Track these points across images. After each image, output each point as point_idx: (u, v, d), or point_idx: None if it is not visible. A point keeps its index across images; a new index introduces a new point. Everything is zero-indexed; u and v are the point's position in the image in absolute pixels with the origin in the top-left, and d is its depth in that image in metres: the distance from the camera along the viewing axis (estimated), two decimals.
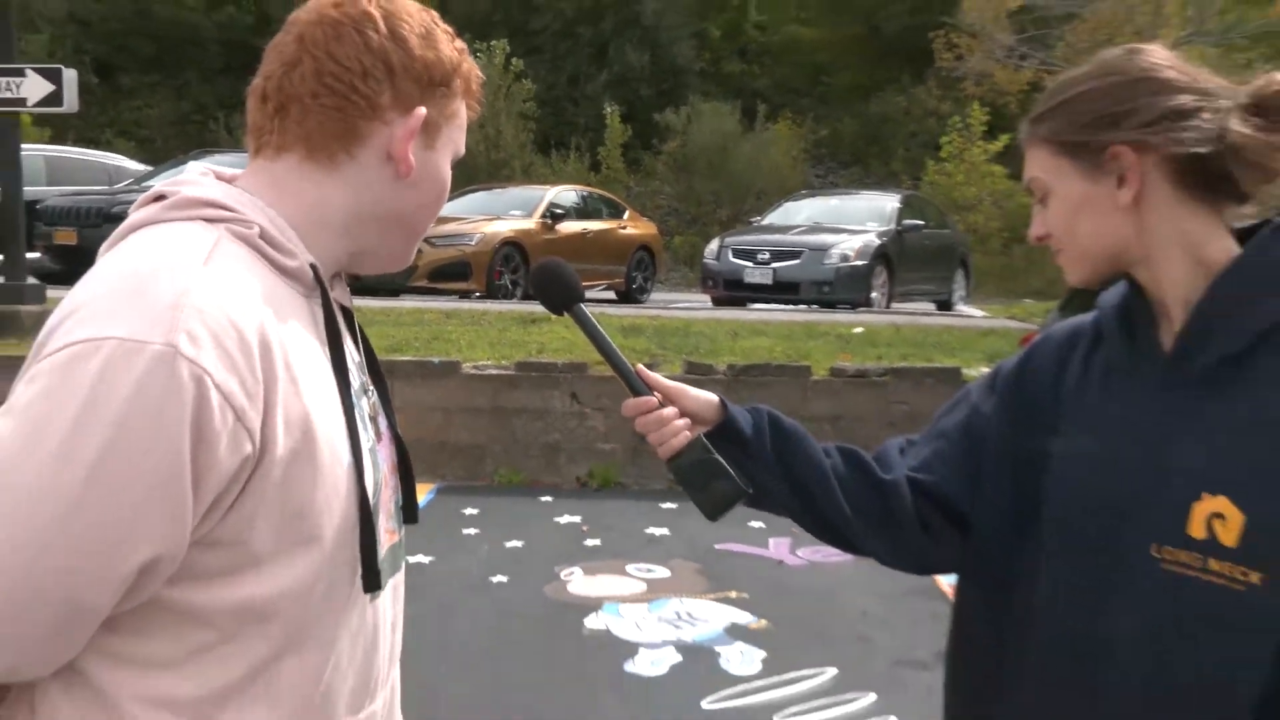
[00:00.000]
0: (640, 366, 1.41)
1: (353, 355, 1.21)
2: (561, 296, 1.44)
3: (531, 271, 1.51)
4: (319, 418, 1.07)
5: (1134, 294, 1.33)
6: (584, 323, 1.42)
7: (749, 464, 1.38)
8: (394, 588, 1.26)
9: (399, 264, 1.29)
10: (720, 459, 1.35)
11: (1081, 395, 1.35)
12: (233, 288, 1.04)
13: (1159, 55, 1.31)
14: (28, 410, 0.97)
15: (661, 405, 1.38)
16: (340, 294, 1.25)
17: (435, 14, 1.24)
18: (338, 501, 1.09)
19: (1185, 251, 1.27)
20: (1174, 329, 1.28)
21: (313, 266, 1.14)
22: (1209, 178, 1.26)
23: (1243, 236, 1.28)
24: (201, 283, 1.01)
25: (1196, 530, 1.20)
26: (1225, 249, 1.27)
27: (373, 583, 1.12)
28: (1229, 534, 1.18)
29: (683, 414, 1.38)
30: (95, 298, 1.01)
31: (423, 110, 1.17)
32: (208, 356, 0.97)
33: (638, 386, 1.39)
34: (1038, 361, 1.42)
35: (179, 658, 1.04)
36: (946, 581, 5.14)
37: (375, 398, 1.25)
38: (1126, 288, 1.35)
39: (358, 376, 1.20)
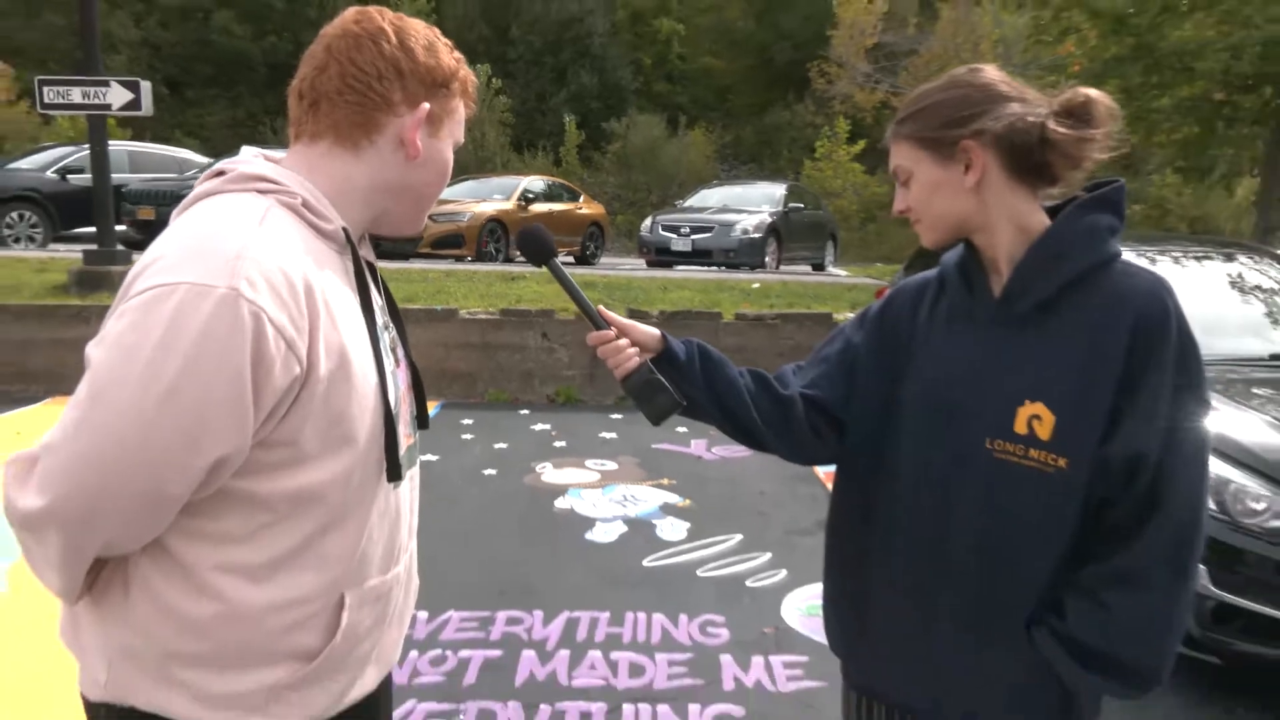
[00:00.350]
0: (601, 307, 1.37)
1: (377, 300, 1.18)
2: (541, 252, 1.39)
3: (518, 233, 1.45)
4: (352, 346, 1.06)
5: (970, 254, 1.32)
6: (558, 273, 1.38)
7: (683, 383, 1.35)
8: (411, 478, 1.24)
9: (413, 228, 1.24)
10: (661, 379, 1.32)
11: (930, 329, 1.34)
12: (281, 244, 1.02)
13: (993, 74, 1.30)
14: (118, 341, 0.95)
15: (617, 337, 1.34)
16: (366, 252, 1.22)
17: (437, 30, 1.19)
18: (368, 411, 1.07)
19: (1012, 222, 1.26)
20: (1002, 281, 1.27)
21: (345, 230, 1.12)
22: (1030, 166, 1.25)
23: (1053, 212, 1.28)
24: (256, 239, 1.00)
25: (1020, 428, 1.22)
26: (1041, 220, 1.27)
27: (395, 474, 1.12)
28: (1044, 430, 1.20)
29: (633, 344, 1.35)
30: (170, 251, 0.99)
31: (427, 105, 1.14)
32: (264, 298, 0.96)
33: (599, 322, 1.35)
34: (897, 304, 1.41)
35: (246, 534, 1.03)
36: (823, 471, 5.20)
37: (395, 333, 1.23)
38: (965, 249, 1.33)
39: (381, 316, 1.17)
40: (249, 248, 0.98)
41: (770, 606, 3.48)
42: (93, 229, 7.96)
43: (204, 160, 14.30)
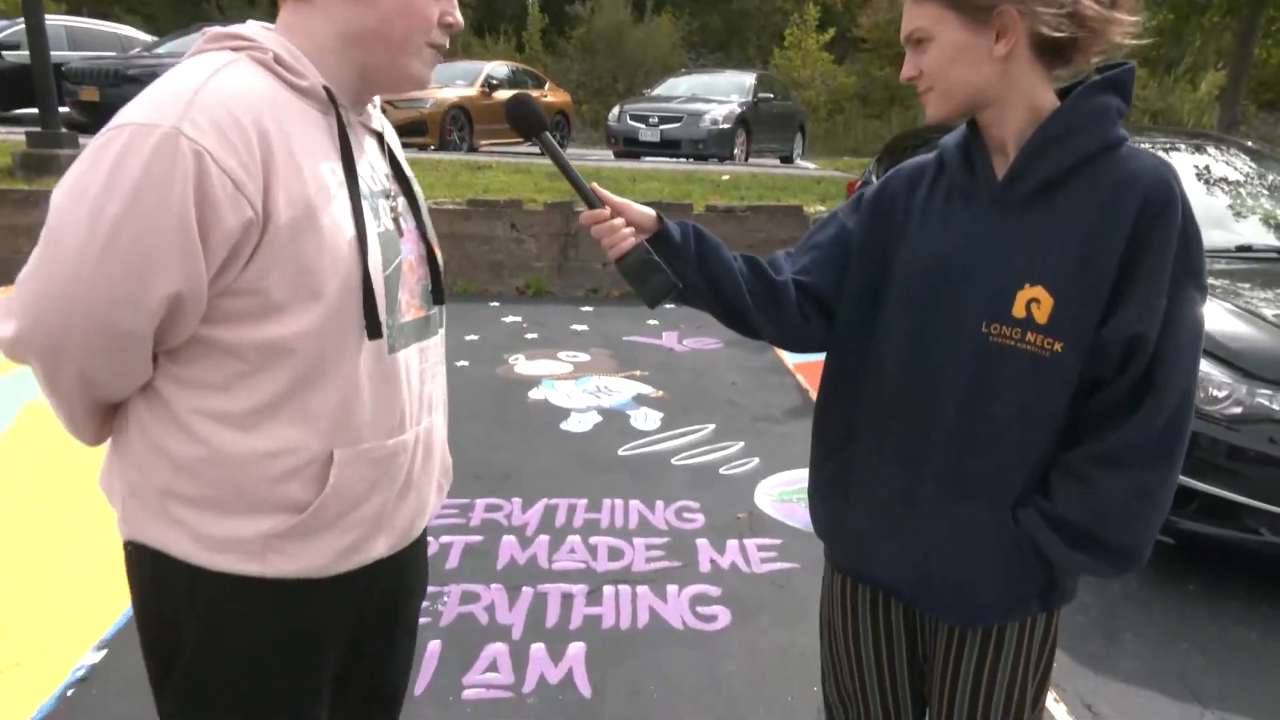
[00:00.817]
0: (594, 184, 1.30)
1: (375, 165, 1.15)
2: (533, 124, 1.31)
3: (507, 102, 1.35)
4: (320, 199, 1.04)
5: (973, 134, 1.27)
6: (550, 147, 1.29)
7: (677, 264, 1.31)
8: (421, 350, 1.21)
9: (403, 82, 1.16)
10: (658, 259, 1.27)
11: (928, 211, 1.29)
12: (237, 91, 1.01)
13: None
14: (72, 184, 0.98)
15: (612, 216, 1.29)
16: (368, 118, 1.17)
17: None
18: (340, 265, 1.05)
19: (1026, 99, 1.21)
20: (1008, 162, 1.22)
21: (326, 89, 1.09)
22: (1054, 43, 1.18)
23: (1061, 95, 1.23)
24: (211, 85, 1.00)
25: (1019, 311, 1.19)
26: (1051, 100, 1.22)
27: (374, 331, 1.09)
28: (1042, 313, 1.18)
29: (628, 224, 1.29)
30: (134, 101, 1.00)
31: None
32: (207, 138, 0.96)
33: (593, 200, 1.29)
34: (893, 188, 1.36)
35: (223, 382, 1.05)
36: (792, 361, 5.24)
37: (402, 204, 1.18)
38: (967, 129, 1.28)
39: (380, 182, 1.15)
40: (201, 92, 0.98)
41: (744, 493, 3.54)
42: (33, 109, 7.54)
43: (147, 38, 13.50)
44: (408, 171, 1.23)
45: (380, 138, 1.20)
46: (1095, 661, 2.60)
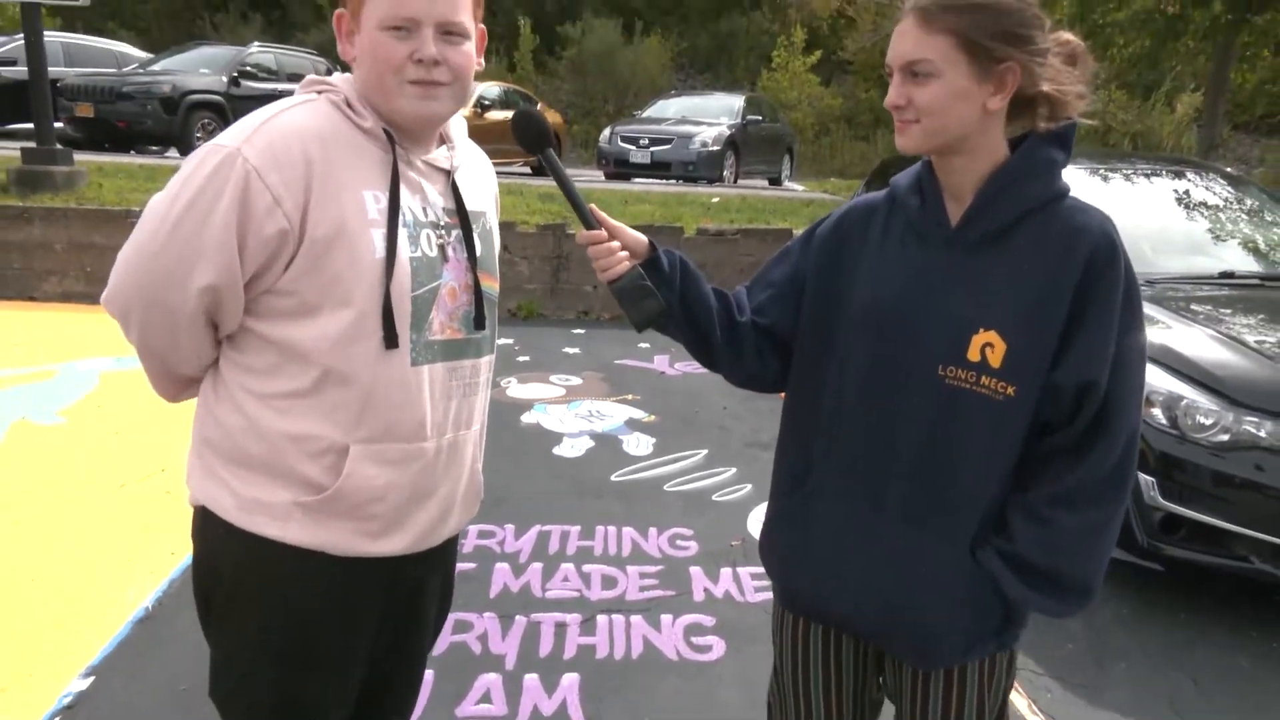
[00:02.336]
0: (593, 206, 1.32)
1: (432, 199, 1.28)
2: (538, 139, 1.33)
3: (513, 116, 1.36)
4: (357, 222, 1.17)
5: (929, 175, 1.28)
6: (552, 164, 1.31)
7: (664, 290, 1.33)
8: (450, 369, 1.30)
9: (409, 121, 1.25)
10: (650, 284, 1.29)
11: (882, 251, 1.30)
12: (296, 125, 1.17)
13: None
14: (168, 185, 1.19)
15: (608, 239, 1.30)
16: (436, 155, 1.30)
17: None
18: (367, 279, 1.18)
19: (992, 150, 1.23)
20: (961, 206, 1.24)
21: (386, 130, 1.23)
22: (1025, 100, 1.22)
23: (1012, 145, 1.26)
24: (278, 119, 1.18)
25: (973, 355, 1.21)
26: (1005, 151, 1.24)
27: (390, 342, 1.20)
28: (996, 358, 1.20)
29: (623, 247, 1.31)
30: (232, 125, 1.20)
31: (339, 10, 1.25)
32: (260, 159, 1.14)
33: (590, 222, 1.31)
34: (846, 226, 1.37)
35: (265, 368, 1.22)
36: None
37: (454, 235, 1.29)
38: (924, 169, 1.29)
39: (433, 214, 1.27)
40: (268, 123, 1.17)
41: (736, 520, 3.52)
42: (27, 125, 7.49)
43: (142, 55, 13.46)
44: (470, 208, 1.33)
45: (448, 175, 1.32)
46: (1086, 690, 2.59)
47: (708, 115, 13.23)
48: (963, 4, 1.16)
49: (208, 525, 1.29)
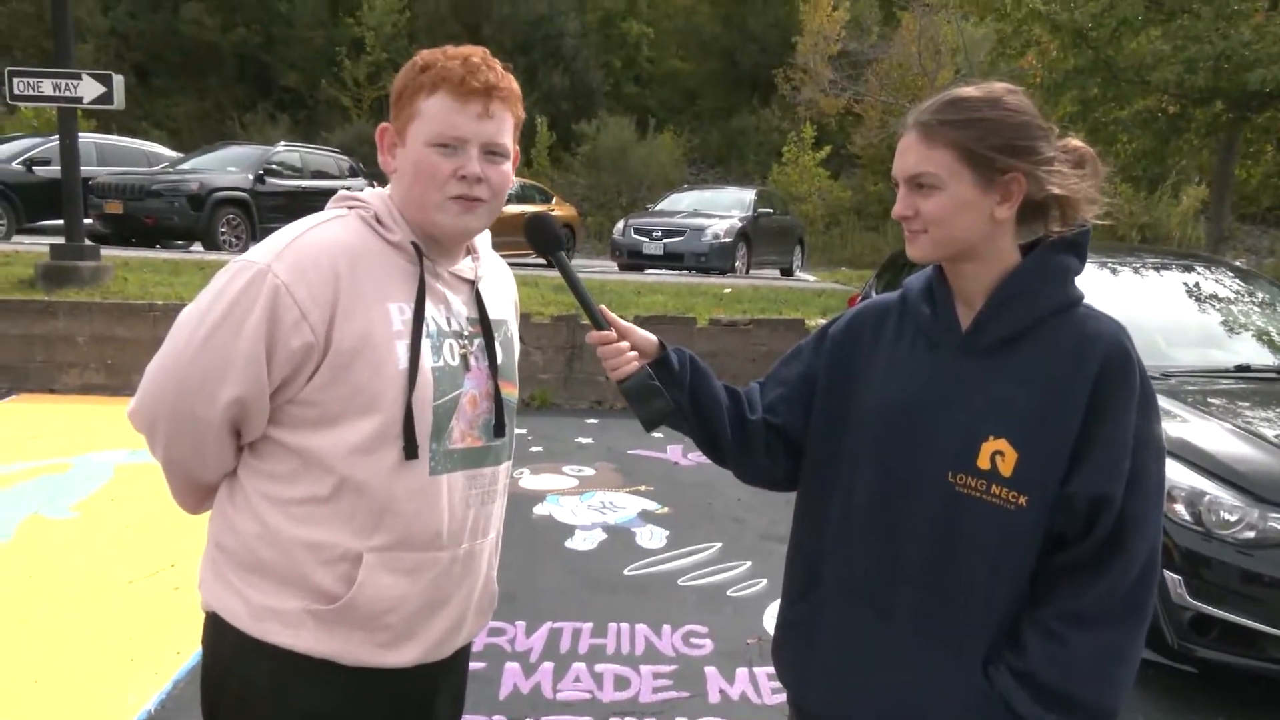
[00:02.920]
0: (603, 306, 1.33)
1: (456, 309, 1.30)
2: (549, 242, 1.36)
3: (525, 220, 1.39)
4: (381, 334, 1.19)
5: (939, 280, 1.28)
6: (563, 266, 1.34)
7: (673, 390, 1.33)
8: (470, 477, 1.30)
9: (446, 236, 1.29)
10: (659, 384, 1.29)
11: (893, 355, 1.30)
12: (325, 241, 1.21)
13: (1026, 100, 1.24)
14: (198, 298, 1.22)
15: (618, 339, 1.31)
16: (461, 266, 1.33)
17: (426, 50, 1.27)
18: (390, 390, 1.19)
19: (1002, 257, 1.23)
20: (972, 311, 1.24)
21: (415, 244, 1.25)
22: (1033, 207, 1.23)
23: (1024, 250, 1.26)
24: (307, 235, 1.22)
25: (983, 463, 1.19)
26: (1017, 257, 1.24)
27: (410, 452, 1.21)
28: (1006, 466, 1.18)
29: (632, 347, 1.31)
30: (259, 243, 1.24)
31: (384, 125, 1.29)
32: (289, 275, 1.17)
33: (600, 322, 1.32)
34: (856, 328, 1.37)
35: (283, 474, 1.23)
36: None
37: (476, 344, 1.31)
38: (935, 274, 1.29)
39: (457, 324, 1.30)
40: (298, 240, 1.21)
41: (752, 616, 3.44)
42: (58, 221, 7.71)
43: (172, 154, 13.94)
44: (492, 316, 1.35)
45: (473, 285, 1.34)
46: None
47: (719, 208, 13.51)
48: (962, 118, 1.19)
49: (218, 632, 1.28)
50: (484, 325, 1.33)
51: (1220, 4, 9.47)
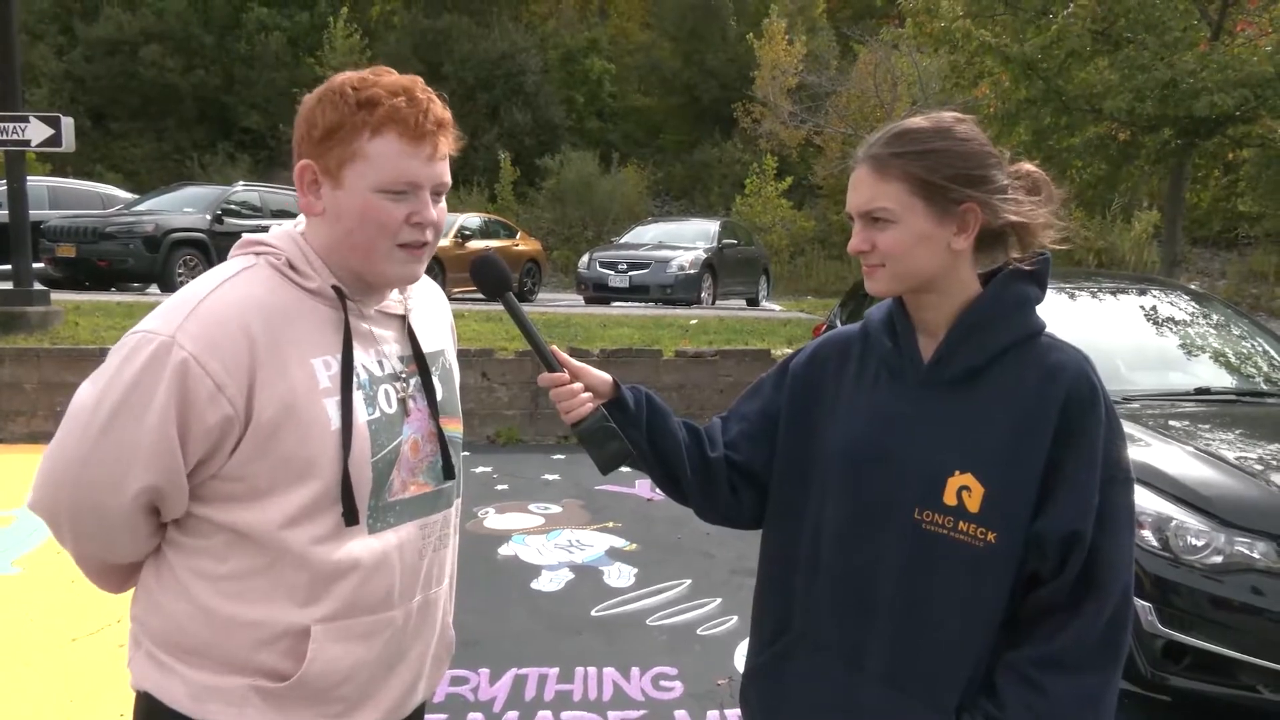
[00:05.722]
0: (554, 347, 1.29)
1: (388, 351, 1.21)
2: (498, 284, 1.30)
3: (472, 262, 1.37)
4: (307, 395, 1.10)
5: (900, 312, 1.25)
6: (512, 307, 1.29)
7: (630, 430, 1.29)
8: (422, 526, 1.23)
9: (387, 283, 1.21)
10: (614, 426, 1.26)
11: (856, 389, 1.27)
12: (235, 300, 1.09)
13: (977, 129, 1.22)
14: (93, 378, 1.10)
15: (570, 381, 1.27)
16: (388, 303, 1.24)
17: (350, 76, 1.15)
18: (323, 455, 1.10)
19: (962, 287, 1.21)
20: (934, 343, 1.21)
21: (336, 288, 1.15)
22: (991, 236, 1.21)
23: (984, 279, 1.24)
24: (214, 296, 1.10)
25: (949, 499, 1.16)
26: (977, 287, 1.22)
27: (350, 518, 1.13)
28: (973, 502, 1.15)
29: (585, 388, 1.27)
30: (156, 308, 1.12)
31: (305, 162, 1.16)
32: (197, 346, 1.06)
33: (552, 364, 1.28)
34: (819, 362, 1.34)
35: (213, 549, 1.13)
36: None
37: (414, 384, 1.22)
38: (895, 306, 1.26)
39: (390, 366, 1.21)
40: (204, 302, 1.09)
41: (722, 656, 3.36)
42: (6, 266, 7.52)
43: (128, 196, 13.75)
44: (426, 350, 1.26)
45: (404, 319, 1.25)
46: None
47: (684, 240, 13.57)
48: (913, 150, 1.16)
49: (153, 714, 1.18)
50: (419, 362, 1.25)
51: (1164, 34, 9.76)
